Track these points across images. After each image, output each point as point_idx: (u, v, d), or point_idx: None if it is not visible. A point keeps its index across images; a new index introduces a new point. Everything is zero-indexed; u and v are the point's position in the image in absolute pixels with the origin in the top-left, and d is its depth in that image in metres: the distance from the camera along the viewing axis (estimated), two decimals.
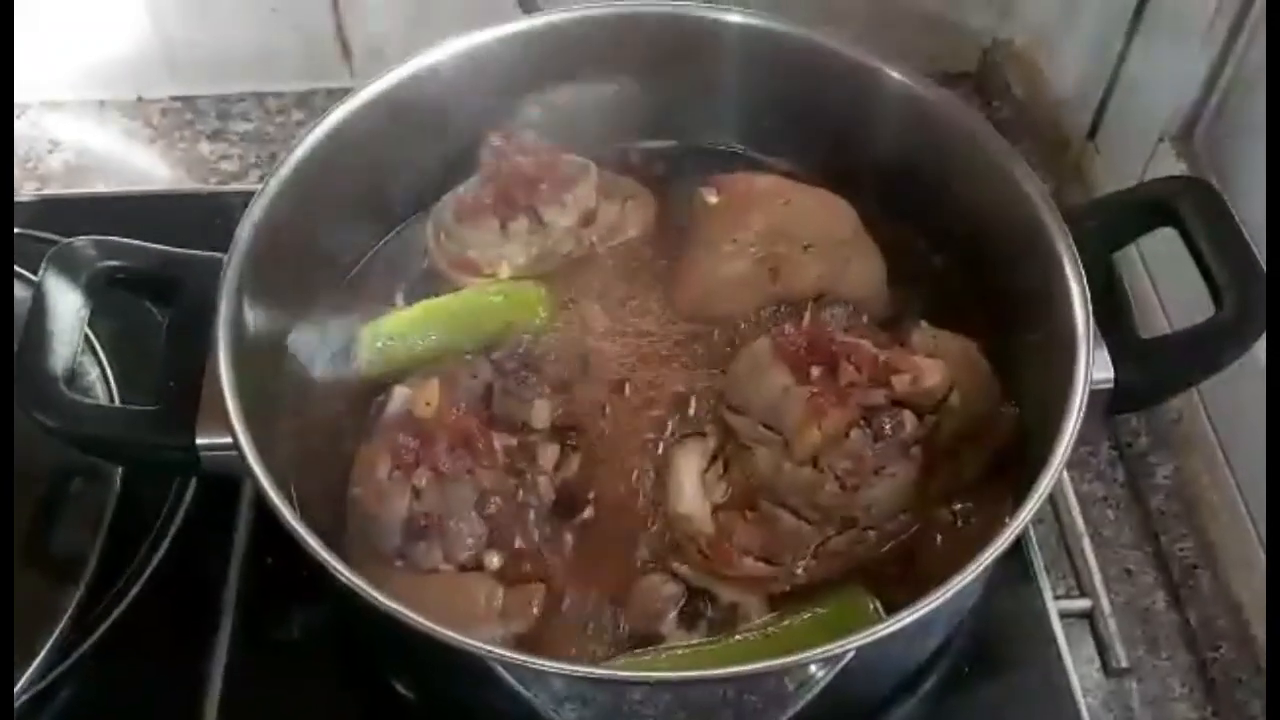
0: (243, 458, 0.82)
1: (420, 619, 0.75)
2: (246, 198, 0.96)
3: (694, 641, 0.88)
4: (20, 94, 1.45)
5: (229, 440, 0.83)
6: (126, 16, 1.40)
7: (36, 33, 1.38)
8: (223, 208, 1.25)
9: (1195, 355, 0.90)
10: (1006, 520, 0.81)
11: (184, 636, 0.99)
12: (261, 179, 0.97)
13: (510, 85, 1.08)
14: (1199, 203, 0.93)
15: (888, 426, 0.88)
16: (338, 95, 1.03)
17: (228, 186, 1.40)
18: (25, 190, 1.39)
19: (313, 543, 0.78)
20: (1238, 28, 1.11)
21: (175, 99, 1.49)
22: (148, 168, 1.44)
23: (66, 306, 0.89)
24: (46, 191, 1.40)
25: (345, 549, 0.88)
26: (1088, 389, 0.84)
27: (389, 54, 1.05)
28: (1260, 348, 0.96)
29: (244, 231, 0.93)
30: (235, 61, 1.46)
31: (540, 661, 0.77)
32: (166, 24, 1.41)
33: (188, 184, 1.42)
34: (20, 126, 1.46)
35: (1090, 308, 0.88)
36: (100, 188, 1.41)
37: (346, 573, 0.77)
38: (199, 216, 1.24)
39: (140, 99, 1.49)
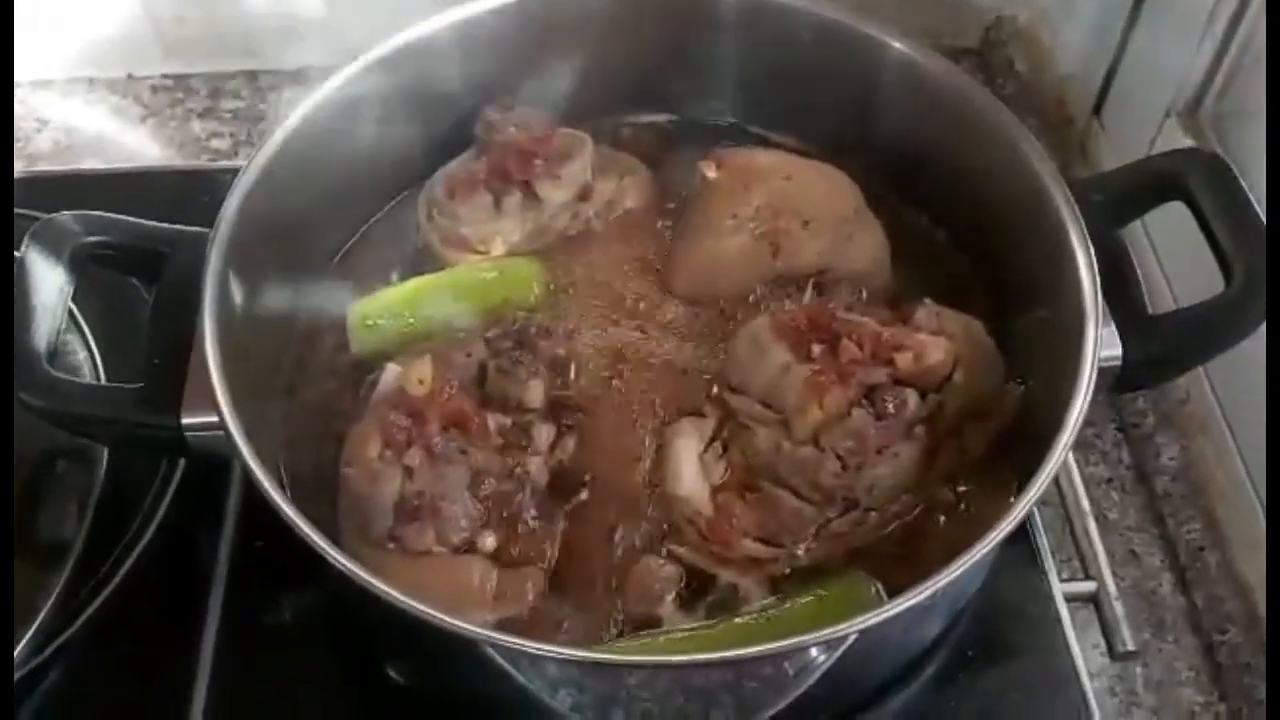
0: (229, 438, 0.80)
1: (413, 602, 0.74)
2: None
3: (692, 625, 0.87)
4: None
5: (215, 420, 0.82)
6: None
7: (26, 9, 1.36)
8: (214, 185, 1.20)
9: (1206, 331, 0.88)
10: (1011, 501, 0.80)
11: (172, 620, 0.98)
12: None
13: (504, 58, 1.06)
14: (1209, 176, 0.91)
15: (890, 405, 0.87)
16: (329, 73, 1.01)
17: (217, 164, 1.39)
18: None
19: (302, 524, 0.76)
20: (1245, 3, 1.09)
21: (166, 77, 1.48)
22: (138, 146, 1.43)
23: (49, 283, 0.88)
24: (35, 169, 1.38)
25: (336, 531, 0.87)
26: (1096, 366, 0.83)
27: (381, 31, 1.02)
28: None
29: (231, 205, 0.91)
30: (226, 39, 1.44)
31: (536, 645, 0.75)
32: (157, 1, 1.39)
33: (179, 162, 1.40)
34: None
35: (1098, 284, 0.87)
36: (89, 166, 1.39)
37: (336, 555, 0.76)
38: (190, 194, 1.22)
39: (130, 77, 1.48)
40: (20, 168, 1.38)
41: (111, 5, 1.40)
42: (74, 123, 1.44)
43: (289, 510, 0.77)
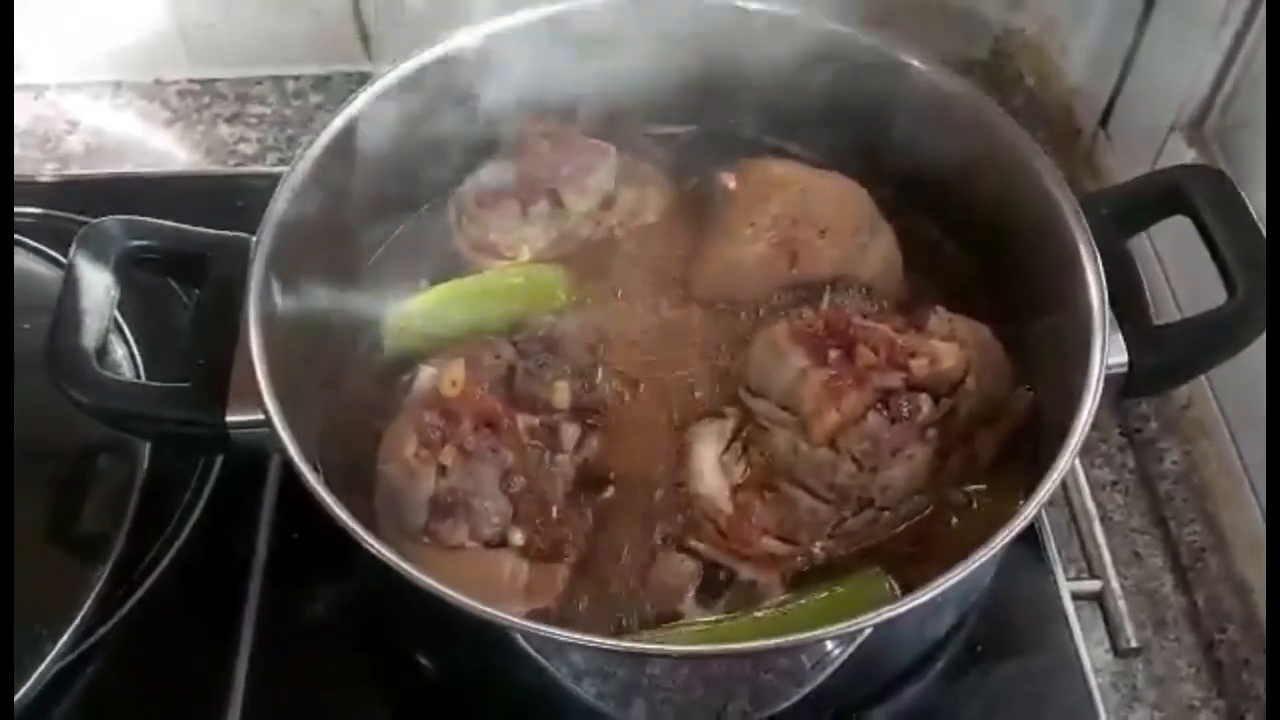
0: (274, 433, 0.83)
1: (449, 590, 0.76)
2: (265, 180, 0.98)
3: (712, 618, 0.89)
4: (38, 75, 1.46)
5: (260, 416, 0.84)
6: None
7: (53, 13, 1.39)
8: (241, 189, 1.26)
9: (1209, 340, 0.91)
10: (1020, 502, 0.82)
11: (210, 612, 1.00)
12: (280, 162, 0.98)
13: (532, 70, 1.07)
14: (1212, 190, 0.93)
15: (904, 409, 0.89)
16: (356, 79, 1.04)
17: (246, 169, 1.41)
18: (45, 171, 1.39)
19: (347, 519, 0.79)
20: (1251, 16, 1.12)
21: (193, 81, 1.50)
22: (166, 150, 1.44)
23: (96, 285, 0.90)
24: (66, 172, 1.40)
25: (372, 524, 0.89)
26: (1103, 373, 0.86)
27: (407, 37, 1.05)
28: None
29: (274, 212, 0.94)
30: (253, 44, 1.46)
31: (566, 634, 0.78)
32: (184, 6, 1.42)
33: (206, 166, 1.42)
34: (38, 107, 1.46)
35: (1106, 294, 0.89)
36: (119, 169, 1.41)
37: (378, 546, 0.79)
38: (218, 198, 1.25)
39: (158, 81, 1.50)
40: (52, 169, 1.40)
41: (139, 10, 1.42)
42: (103, 125, 1.46)
43: (334, 505, 0.79)
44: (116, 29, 1.44)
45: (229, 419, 0.87)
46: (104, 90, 1.49)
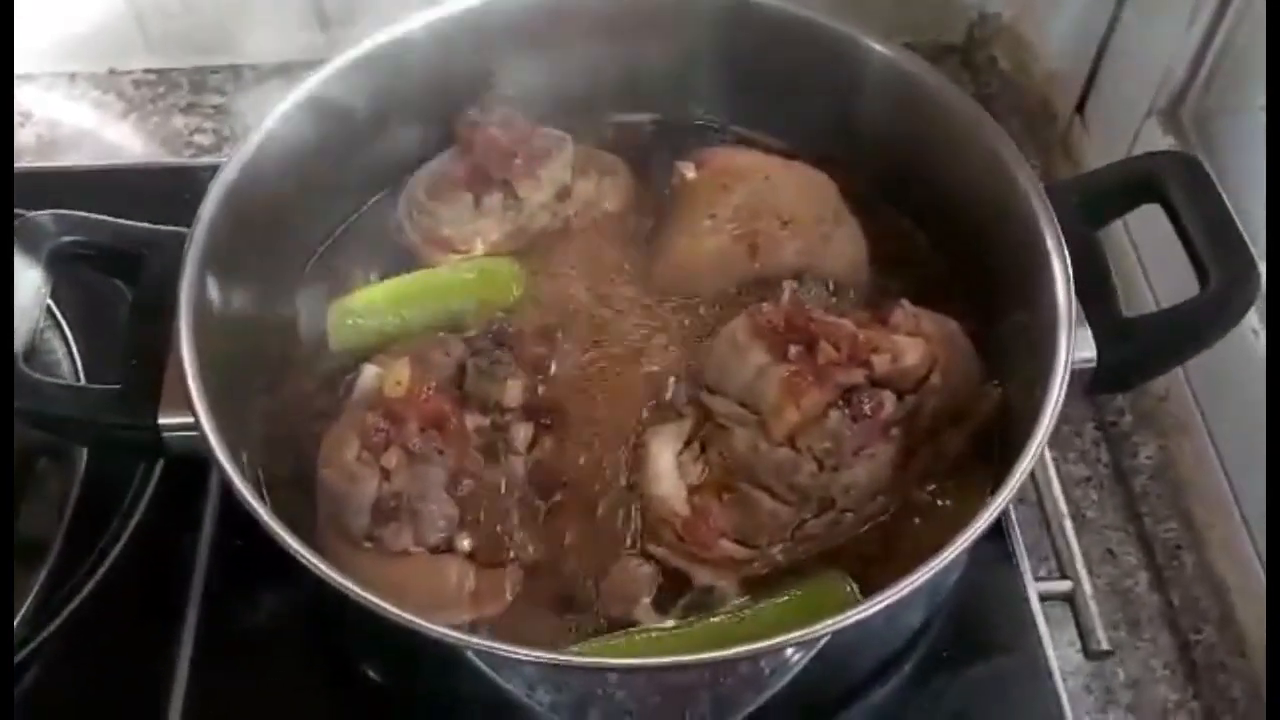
0: (205, 440, 0.80)
1: (389, 606, 0.74)
2: None
3: (669, 625, 0.87)
4: None
5: (192, 421, 0.81)
6: None
7: None
8: (197, 182, 1.19)
9: (1178, 334, 0.89)
10: (987, 501, 0.80)
11: (150, 620, 0.97)
12: None
13: (485, 57, 1.05)
14: (1184, 178, 0.91)
15: (866, 407, 0.87)
16: (314, 68, 1.00)
17: (202, 160, 1.38)
18: None
19: (277, 527, 0.77)
20: (1226, 2, 1.09)
21: (149, 71, 1.47)
22: (121, 141, 1.42)
23: (27, 283, 0.88)
24: (18, 165, 1.37)
25: (315, 531, 0.87)
26: (1069, 369, 0.83)
27: (366, 25, 1.02)
28: (1246, 326, 0.95)
29: (208, 207, 0.91)
30: (210, 33, 1.43)
31: (512, 649, 0.75)
32: None
33: (162, 158, 1.40)
34: None
35: (1072, 287, 0.87)
36: (72, 161, 1.39)
37: (311, 558, 0.76)
38: (173, 190, 1.20)
39: (113, 71, 1.47)
40: None
41: None
42: (56, 117, 1.44)
43: (264, 514, 0.77)
44: (72, 18, 1.42)
45: (162, 422, 0.84)
46: (59, 81, 1.47)
